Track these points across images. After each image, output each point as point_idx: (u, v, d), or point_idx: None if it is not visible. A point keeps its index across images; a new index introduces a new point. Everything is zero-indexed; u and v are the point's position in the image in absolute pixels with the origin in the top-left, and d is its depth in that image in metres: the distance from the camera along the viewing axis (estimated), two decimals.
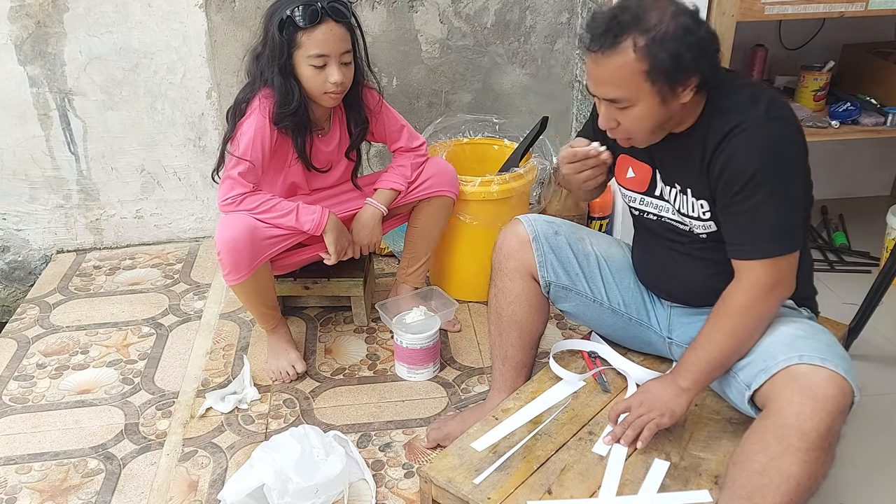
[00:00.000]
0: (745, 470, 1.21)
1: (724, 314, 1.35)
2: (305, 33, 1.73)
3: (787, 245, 1.31)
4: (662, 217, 1.48)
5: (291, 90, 1.79)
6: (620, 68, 1.24)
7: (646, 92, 1.25)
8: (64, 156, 2.59)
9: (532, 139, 2.32)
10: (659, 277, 1.56)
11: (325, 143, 1.97)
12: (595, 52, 1.25)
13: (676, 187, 1.41)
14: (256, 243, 1.80)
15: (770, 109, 1.27)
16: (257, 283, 1.89)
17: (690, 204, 1.40)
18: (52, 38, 2.43)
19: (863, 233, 2.61)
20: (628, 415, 1.41)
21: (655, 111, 1.28)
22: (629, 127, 1.33)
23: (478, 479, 1.34)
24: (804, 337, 1.30)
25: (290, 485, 1.52)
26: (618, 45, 1.23)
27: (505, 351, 1.66)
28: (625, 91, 1.26)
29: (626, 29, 1.22)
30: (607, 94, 1.29)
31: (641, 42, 1.21)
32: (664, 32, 1.21)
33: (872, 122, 2.36)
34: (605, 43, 1.23)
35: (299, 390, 1.98)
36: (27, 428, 1.88)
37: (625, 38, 1.22)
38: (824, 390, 1.18)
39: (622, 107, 1.29)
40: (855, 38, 2.61)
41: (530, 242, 1.57)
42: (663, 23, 1.21)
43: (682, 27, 1.22)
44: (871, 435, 1.75)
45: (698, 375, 1.37)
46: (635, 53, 1.22)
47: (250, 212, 1.81)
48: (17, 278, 2.75)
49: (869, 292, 1.88)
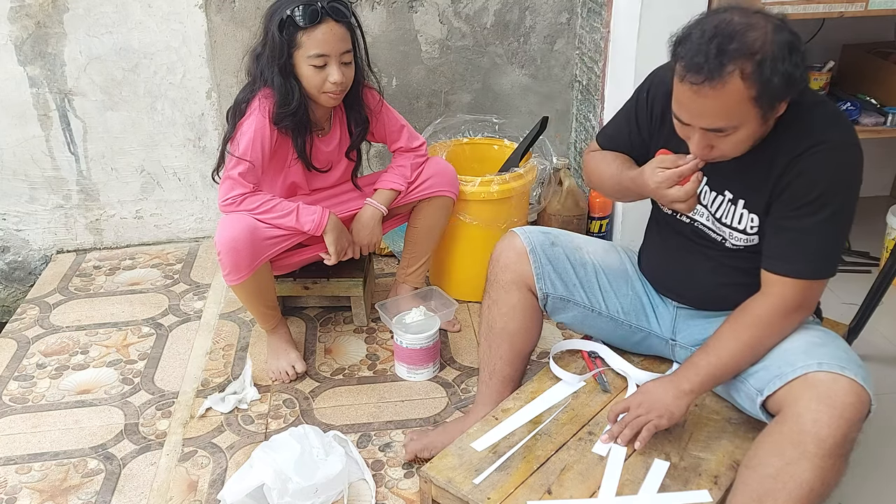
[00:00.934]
0: (757, 473, 1.21)
1: (743, 324, 1.34)
2: (305, 33, 1.73)
3: (827, 270, 1.30)
4: (696, 222, 1.44)
5: (291, 90, 1.79)
6: (727, 98, 1.16)
7: (751, 116, 1.19)
8: (64, 156, 2.60)
9: (532, 139, 2.32)
10: (674, 278, 1.55)
11: (325, 143, 1.97)
12: (697, 84, 1.16)
13: (726, 195, 1.37)
14: (256, 243, 1.80)
15: (848, 134, 1.25)
16: (257, 284, 1.89)
17: (738, 215, 1.36)
18: (52, 38, 2.43)
19: (863, 233, 2.59)
20: (627, 414, 1.41)
21: (756, 130, 1.23)
22: (726, 150, 1.26)
23: (478, 479, 1.34)
24: (820, 344, 1.30)
25: (290, 485, 1.52)
26: (724, 75, 1.14)
27: (493, 364, 1.63)
28: (730, 120, 1.20)
29: (731, 57, 1.13)
30: (710, 124, 1.21)
31: (749, 68, 1.13)
32: (772, 55, 1.14)
33: (872, 122, 2.36)
34: (709, 74, 1.14)
35: (299, 390, 1.98)
36: (27, 428, 1.88)
37: (730, 66, 1.13)
38: (843, 398, 1.18)
39: (724, 134, 1.22)
40: (855, 38, 2.61)
41: (527, 254, 1.56)
42: (767, 43, 1.14)
43: (786, 45, 1.15)
44: (871, 435, 1.75)
45: (704, 379, 1.36)
46: (743, 81, 1.14)
47: (250, 212, 1.81)
48: (17, 278, 2.75)
49: (869, 292, 1.87)
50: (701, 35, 1.16)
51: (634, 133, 1.50)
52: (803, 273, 1.29)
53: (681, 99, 1.23)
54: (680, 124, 1.27)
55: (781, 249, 1.31)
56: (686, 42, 1.19)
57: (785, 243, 1.30)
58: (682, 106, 1.23)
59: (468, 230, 2.23)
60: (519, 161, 2.30)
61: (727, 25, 1.16)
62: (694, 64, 1.16)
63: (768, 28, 1.15)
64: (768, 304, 1.32)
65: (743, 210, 1.35)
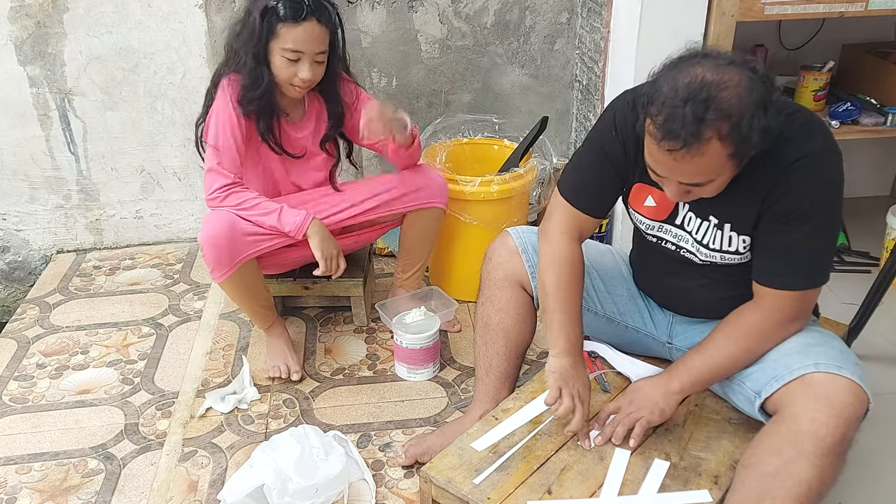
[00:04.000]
0: (755, 472, 1.21)
1: (739, 330, 1.34)
2: (286, 26, 1.73)
3: (819, 279, 1.29)
4: (682, 248, 1.41)
5: (261, 75, 1.79)
6: (705, 160, 1.14)
7: (728, 167, 1.18)
8: (64, 156, 2.60)
9: (532, 139, 2.32)
10: (664, 292, 1.54)
11: (295, 129, 1.96)
12: (674, 151, 1.13)
13: (711, 220, 1.34)
14: (237, 239, 1.79)
15: (827, 143, 1.23)
16: (244, 281, 1.88)
17: (727, 238, 1.34)
18: (52, 38, 2.43)
19: (863, 233, 2.60)
20: (619, 413, 1.41)
21: (731, 174, 1.21)
22: (704, 194, 1.24)
23: (478, 479, 1.34)
24: (816, 344, 1.29)
25: (290, 485, 1.52)
26: (702, 141, 1.11)
27: (490, 360, 1.62)
28: (708, 176, 1.18)
29: (707, 125, 1.10)
30: (688, 180, 1.20)
31: (725, 129, 1.11)
32: (749, 115, 1.11)
33: (872, 122, 2.36)
34: (686, 142, 1.11)
35: (299, 390, 1.98)
36: (27, 428, 1.88)
37: (707, 132, 1.11)
38: (841, 398, 1.18)
39: (701, 185, 1.21)
40: (855, 38, 2.61)
41: (519, 254, 1.56)
42: (742, 103, 1.10)
43: (760, 100, 1.11)
44: (871, 434, 1.74)
45: (696, 380, 1.37)
46: (721, 142, 1.12)
47: (234, 207, 1.80)
48: (17, 278, 2.75)
49: (869, 292, 1.87)
50: (674, 96, 1.12)
51: (609, 176, 1.42)
52: (796, 285, 1.28)
53: (656, 158, 1.19)
54: (654, 174, 1.25)
55: (772, 262, 1.30)
56: (656, 101, 1.14)
57: (775, 256, 1.29)
58: (658, 164, 1.21)
59: (468, 230, 2.23)
60: (519, 161, 2.30)
61: (700, 86, 1.11)
62: (669, 131, 1.12)
63: (742, 84, 1.11)
64: (762, 316, 1.32)
65: (731, 233, 1.33)
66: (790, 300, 1.29)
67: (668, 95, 1.13)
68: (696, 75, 1.12)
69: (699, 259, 1.40)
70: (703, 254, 1.38)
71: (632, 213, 1.47)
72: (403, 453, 1.71)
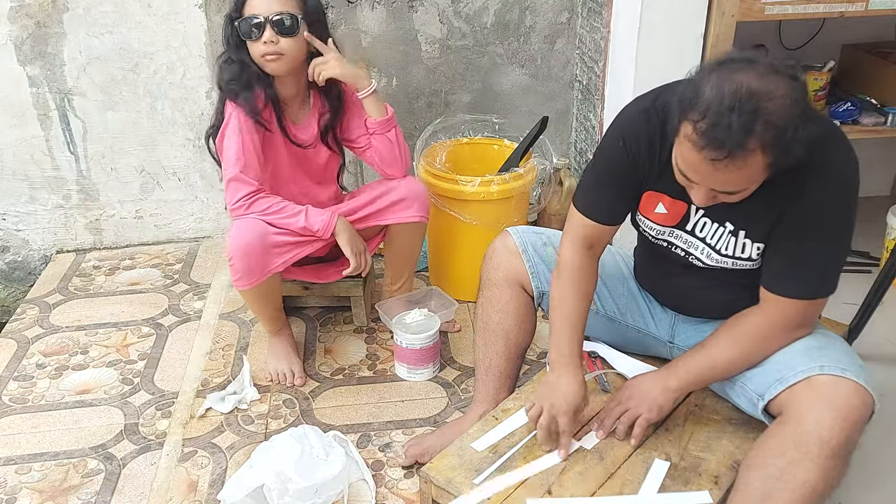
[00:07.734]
0: (759, 473, 1.21)
1: (742, 333, 1.33)
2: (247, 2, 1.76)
3: (827, 289, 1.28)
4: (691, 254, 1.40)
5: (241, 60, 1.80)
6: (747, 171, 1.12)
7: (763, 176, 1.15)
8: (64, 156, 2.59)
9: (532, 139, 2.32)
10: (669, 292, 1.54)
11: (300, 130, 1.96)
12: (718, 160, 1.10)
13: (727, 227, 1.32)
14: (268, 250, 1.79)
15: (848, 152, 1.22)
16: (269, 289, 1.89)
17: (741, 245, 1.32)
18: (51, 38, 2.43)
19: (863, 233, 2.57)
20: (617, 408, 1.42)
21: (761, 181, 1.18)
22: (728, 200, 1.21)
23: (478, 479, 1.34)
24: (820, 347, 1.29)
25: (290, 485, 1.52)
26: (747, 152, 1.08)
27: (489, 360, 1.62)
28: (744, 185, 1.16)
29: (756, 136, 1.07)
30: (722, 189, 1.17)
31: (770, 141, 1.08)
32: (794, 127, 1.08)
33: (872, 122, 2.36)
34: (731, 152, 1.08)
35: (299, 390, 1.98)
36: (27, 428, 1.88)
37: (753, 143, 1.07)
38: (846, 401, 1.18)
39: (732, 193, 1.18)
40: (855, 38, 2.61)
41: (520, 254, 1.56)
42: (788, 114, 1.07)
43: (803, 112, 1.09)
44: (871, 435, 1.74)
45: (695, 379, 1.37)
46: (764, 153, 1.09)
47: (261, 213, 1.80)
48: (17, 278, 2.75)
49: (869, 292, 1.87)
50: (719, 103, 1.07)
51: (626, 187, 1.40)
52: (804, 294, 1.28)
53: (692, 164, 1.16)
54: (684, 178, 1.21)
55: (781, 269, 1.29)
56: (698, 106, 1.10)
57: (784, 263, 1.28)
58: (693, 170, 1.17)
59: (468, 230, 2.23)
60: (519, 161, 2.30)
61: (747, 94, 1.07)
62: (714, 139, 1.08)
63: (787, 94, 1.08)
64: (768, 322, 1.31)
65: (745, 240, 1.32)
66: (795, 308, 1.29)
67: (711, 102, 1.08)
68: (741, 83, 1.08)
69: (706, 264, 1.39)
70: (713, 259, 1.37)
71: (640, 220, 1.46)
72: (403, 453, 1.71)
